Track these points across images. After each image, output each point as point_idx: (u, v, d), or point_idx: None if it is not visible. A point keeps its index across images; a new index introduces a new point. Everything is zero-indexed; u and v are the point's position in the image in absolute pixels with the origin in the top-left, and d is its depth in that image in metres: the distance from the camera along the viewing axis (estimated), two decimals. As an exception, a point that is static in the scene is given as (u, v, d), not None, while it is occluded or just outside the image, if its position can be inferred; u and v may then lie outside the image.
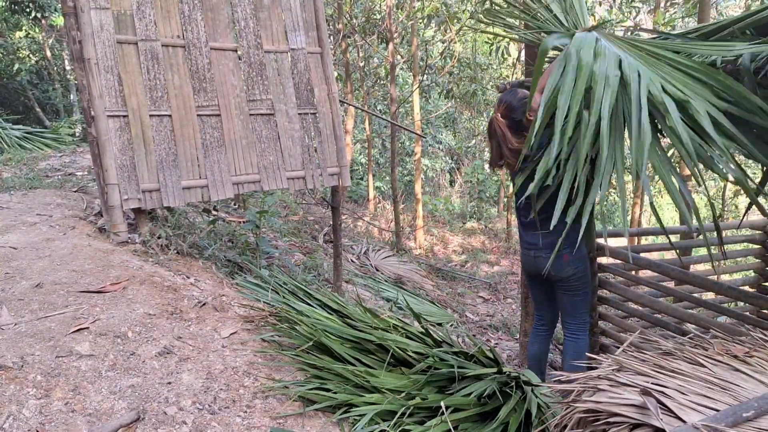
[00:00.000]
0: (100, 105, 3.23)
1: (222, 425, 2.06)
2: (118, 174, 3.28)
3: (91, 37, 3.23)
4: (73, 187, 4.66)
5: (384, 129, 13.34)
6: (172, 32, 3.49)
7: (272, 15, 3.83)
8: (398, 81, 12.46)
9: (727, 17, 2.80)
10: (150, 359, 2.31)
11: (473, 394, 2.31)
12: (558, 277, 2.91)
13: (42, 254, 3.04)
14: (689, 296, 4.03)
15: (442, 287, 6.92)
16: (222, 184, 3.58)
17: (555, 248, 2.50)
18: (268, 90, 3.79)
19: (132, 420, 1.95)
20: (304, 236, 6.48)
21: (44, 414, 1.89)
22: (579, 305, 2.99)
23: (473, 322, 5.74)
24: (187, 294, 2.94)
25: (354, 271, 5.84)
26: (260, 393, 2.32)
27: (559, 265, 2.87)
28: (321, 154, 3.98)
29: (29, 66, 12.19)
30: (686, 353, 2.07)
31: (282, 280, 3.69)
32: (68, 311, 2.48)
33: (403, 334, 2.80)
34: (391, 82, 8.92)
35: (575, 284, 2.93)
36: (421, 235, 10.11)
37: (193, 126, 3.52)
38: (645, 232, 5.62)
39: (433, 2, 9.27)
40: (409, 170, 14.11)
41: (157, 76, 3.42)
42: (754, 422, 1.61)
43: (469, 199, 14.07)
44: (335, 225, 4.46)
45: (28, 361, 2.10)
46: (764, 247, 4.86)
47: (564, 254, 2.85)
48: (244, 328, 2.80)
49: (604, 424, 1.70)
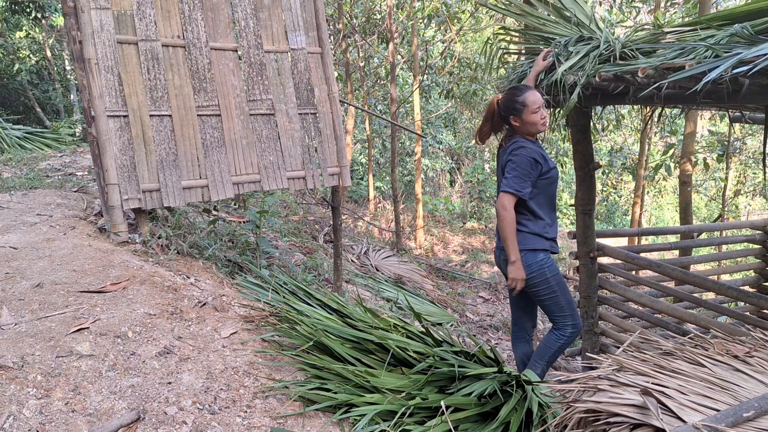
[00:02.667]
0: (101, 105, 3.23)
1: (222, 425, 2.06)
2: (119, 174, 3.28)
3: (92, 37, 3.23)
4: (74, 187, 4.66)
5: (384, 129, 13.34)
6: (172, 32, 3.49)
7: (272, 15, 3.83)
8: (398, 81, 12.45)
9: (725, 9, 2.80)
10: (150, 359, 2.31)
11: (474, 393, 2.31)
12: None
13: (42, 254, 3.04)
14: (689, 296, 4.03)
15: (443, 287, 6.92)
16: (222, 184, 3.58)
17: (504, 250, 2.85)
18: (268, 90, 3.79)
19: (132, 420, 1.95)
20: (304, 236, 6.48)
21: (44, 414, 1.89)
22: (548, 308, 2.99)
23: (473, 322, 5.74)
24: (187, 294, 2.94)
25: (354, 271, 5.84)
26: (260, 393, 2.32)
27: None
28: (321, 154, 3.97)
29: (30, 66, 12.19)
30: (686, 353, 2.07)
31: (282, 280, 3.69)
32: (68, 311, 2.48)
33: (403, 333, 2.80)
34: (391, 82, 8.92)
35: (534, 289, 2.93)
36: (422, 235, 10.11)
37: (194, 126, 3.52)
38: (645, 232, 5.62)
39: (434, 2, 9.27)
40: (409, 170, 14.11)
41: (157, 76, 3.42)
42: (755, 422, 1.61)
43: (469, 199, 14.06)
44: (335, 225, 4.46)
45: (29, 361, 2.11)
46: (764, 247, 4.85)
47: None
48: (244, 328, 2.80)
49: (604, 424, 1.70)
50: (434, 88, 11.67)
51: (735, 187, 12.59)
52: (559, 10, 3.66)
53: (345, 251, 6.41)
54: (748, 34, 2.42)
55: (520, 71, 3.52)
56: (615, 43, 3.06)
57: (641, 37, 3.10)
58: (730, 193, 11.86)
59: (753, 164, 12.09)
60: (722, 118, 9.39)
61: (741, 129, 10.67)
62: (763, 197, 13.25)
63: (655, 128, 11.20)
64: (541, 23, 3.65)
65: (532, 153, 2.85)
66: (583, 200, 4.05)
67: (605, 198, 15.17)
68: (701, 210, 16.84)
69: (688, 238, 5.41)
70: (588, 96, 3.40)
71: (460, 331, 4.98)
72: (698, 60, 2.48)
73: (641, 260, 4.01)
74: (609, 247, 4.17)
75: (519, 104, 2.85)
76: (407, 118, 12.62)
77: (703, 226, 7.06)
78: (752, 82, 2.37)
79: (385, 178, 13.91)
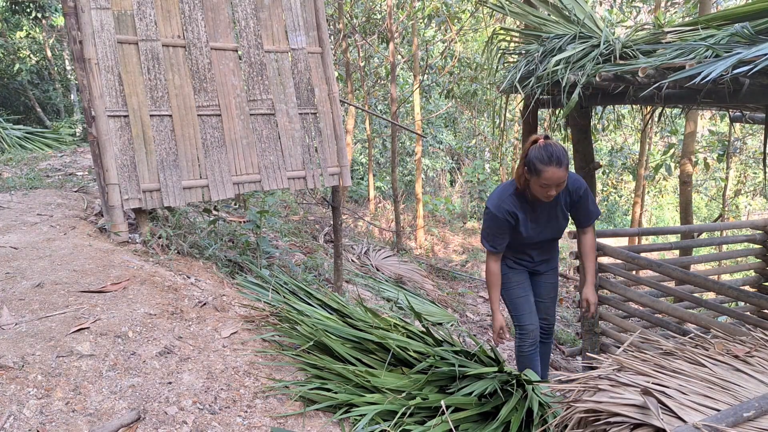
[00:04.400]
0: (101, 105, 3.24)
1: (223, 425, 2.06)
2: (119, 174, 3.28)
3: (92, 37, 3.23)
4: (74, 187, 4.66)
5: (384, 129, 13.34)
6: (172, 32, 3.49)
7: (273, 15, 3.83)
8: (399, 81, 12.45)
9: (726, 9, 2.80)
10: (151, 359, 2.31)
11: (474, 393, 2.31)
12: None
13: (42, 254, 3.04)
14: (690, 296, 4.02)
15: (443, 287, 6.92)
16: (222, 184, 3.58)
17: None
18: (268, 90, 3.79)
19: (133, 420, 1.95)
20: (304, 236, 6.48)
21: (45, 414, 1.89)
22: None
23: (474, 321, 5.74)
24: (187, 294, 2.94)
25: (354, 271, 5.84)
26: (261, 393, 2.32)
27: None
28: (321, 153, 3.98)
29: (30, 66, 12.19)
30: (687, 353, 2.06)
31: (282, 279, 3.69)
32: (69, 311, 2.48)
33: (403, 333, 2.80)
34: (391, 82, 8.92)
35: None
36: (422, 235, 10.11)
37: (194, 126, 3.52)
38: (645, 231, 5.61)
39: (434, 2, 9.27)
40: (409, 170, 14.11)
41: (157, 76, 3.42)
42: (755, 422, 1.61)
43: (469, 199, 14.07)
44: (336, 225, 4.47)
45: (29, 360, 2.11)
46: (765, 247, 4.85)
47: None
48: (244, 328, 2.80)
49: (604, 423, 1.70)
50: (434, 87, 11.67)
51: (735, 186, 12.59)
52: (559, 9, 3.66)
53: (345, 251, 6.41)
54: (748, 34, 2.42)
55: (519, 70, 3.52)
56: (615, 43, 3.06)
57: (641, 37, 3.10)
58: (731, 193, 11.86)
59: (753, 164, 12.08)
60: (722, 118, 9.38)
61: (741, 129, 10.67)
62: (763, 197, 13.25)
63: (656, 128, 11.20)
64: (541, 23, 3.65)
65: (503, 213, 2.81)
66: (584, 200, 4.04)
67: (605, 198, 15.18)
68: (701, 210, 16.84)
69: (689, 238, 5.41)
70: (588, 96, 3.41)
71: (461, 331, 4.98)
72: (698, 60, 2.48)
73: (641, 260, 4.01)
74: (609, 247, 4.17)
75: (536, 168, 2.62)
76: (407, 118, 12.62)
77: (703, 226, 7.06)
78: (752, 81, 2.38)
79: (385, 177, 13.92)
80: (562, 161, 2.58)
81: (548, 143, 2.61)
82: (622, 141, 13.76)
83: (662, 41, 2.97)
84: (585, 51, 3.14)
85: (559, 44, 3.30)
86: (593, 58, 3.06)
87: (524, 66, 3.48)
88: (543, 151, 2.59)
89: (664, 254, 8.14)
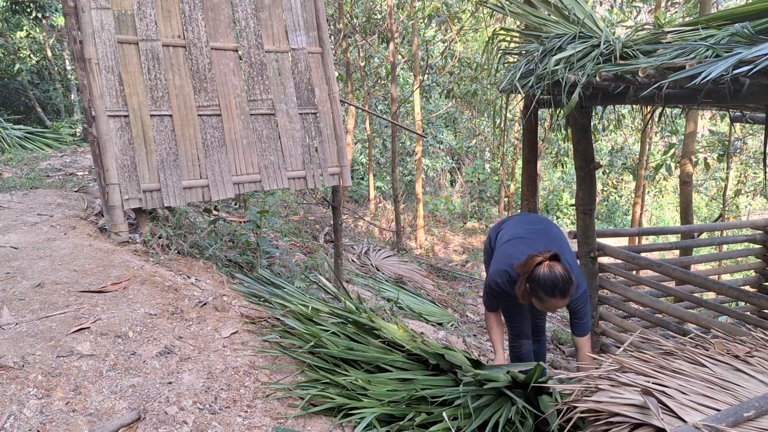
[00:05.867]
0: (101, 105, 3.24)
1: (223, 425, 2.06)
2: (119, 174, 3.28)
3: (92, 37, 3.23)
4: (74, 187, 4.66)
5: (385, 129, 13.33)
6: (172, 32, 3.49)
7: (273, 15, 3.83)
8: (399, 81, 12.45)
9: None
10: (151, 359, 2.31)
11: (491, 422, 2.17)
12: None
13: (43, 254, 3.04)
14: (690, 296, 4.03)
15: (443, 287, 6.92)
16: (223, 184, 3.58)
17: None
18: (268, 90, 3.79)
19: (133, 420, 1.95)
20: (304, 236, 6.48)
21: (45, 414, 1.89)
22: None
23: (474, 321, 5.74)
24: (187, 294, 2.94)
25: (355, 271, 5.85)
26: (261, 393, 2.32)
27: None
28: (322, 153, 3.98)
29: (30, 66, 12.19)
30: (687, 353, 2.06)
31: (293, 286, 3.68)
32: (69, 311, 2.48)
33: (415, 348, 2.60)
34: (391, 82, 8.92)
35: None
36: (422, 235, 10.11)
37: (194, 126, 3.52)
38: (645, 231, 5.61)
39: (434, 2, 9.27)
40: (409, 170, 14.11)
41: (157, 75, 3.42)
42: (755, 422, 1.61)
43: (469, 199, 14.07)
44: (336, 225, 4.47)
45: (29, 360, 2.11)
46: (765, 247, 4.85)
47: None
48: (244, 328, 2.80)
49: (605, 423, 1.70)
50: (435, 87, 11.67)
51: (735, 186, 12.57)
52: (559, 9, 3.66)
53: (345, 251, 6.41)
54: (748, 34, 2.42)
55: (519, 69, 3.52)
56: (615, 43, 3.06)
57: (642, 37, 3.10)
58: (731, 193, 11.85)
59: (754, 164, 12.08)
60: (723, 118, 9.38)
61: (741, 129, 10.67)
62: (763, 197, 13.24)
63: (656, 128, 11.20)
64: (541, 23, 3.65)
65: (500, 288, 2.75)
66: (584, 200, 4.05)
67: (606, 198, 15.18)
68: (702, 210, 16.84)
69: (689, 237, 5.41)
70: (588, 96, 3.41)
71: (461, 331, 4.98)
72: (699, 60, 2.48)
73: (642, 260, 4.01)
74: (609, 246, 4.17)
75: (539, 295, 2.46)
76: (408, 118, 12.62)
77: (703, 225, 7.06)
78: (753, 81, 2.38)
79: (385, 177, 13.92)
80: (567, 292, 2.41)
81: (553, 268, 2.40)
82: (622, 141, 13.76)
83: (662, 41, 2.97)
84: (585, 51, 3.14)
85: (559, 44, 3.30)
86: (593, 58, 3.06)
87: (524, 66, 3.48)
88: (548, 280, 2.39)
89: (664, 254, 8.13)
